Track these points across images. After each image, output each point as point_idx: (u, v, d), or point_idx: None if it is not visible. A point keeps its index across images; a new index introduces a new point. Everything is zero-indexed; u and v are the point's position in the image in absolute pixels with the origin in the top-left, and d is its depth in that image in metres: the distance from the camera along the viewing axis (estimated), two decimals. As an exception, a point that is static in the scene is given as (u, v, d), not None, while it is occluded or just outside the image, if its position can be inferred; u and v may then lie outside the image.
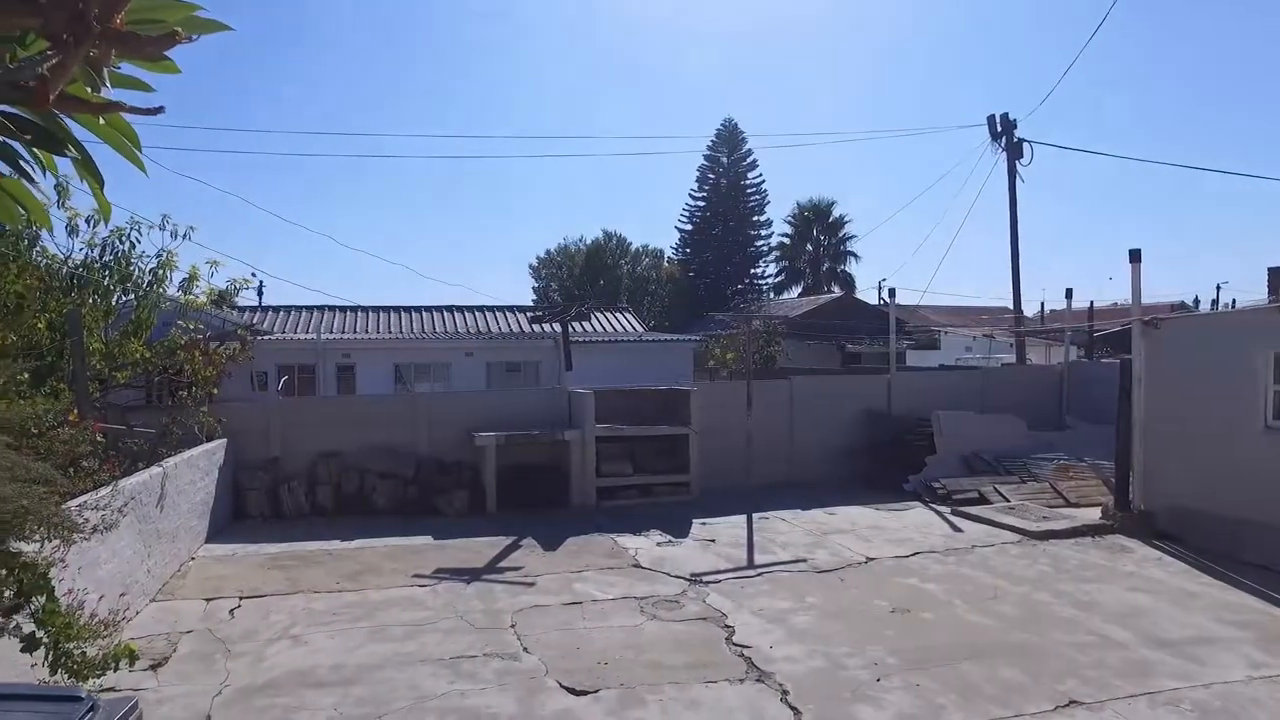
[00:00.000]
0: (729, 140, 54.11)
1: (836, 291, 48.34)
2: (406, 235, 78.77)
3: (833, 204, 55.42)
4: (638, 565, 10.70)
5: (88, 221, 12.26)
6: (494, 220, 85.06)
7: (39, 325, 8.99)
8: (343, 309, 27.92)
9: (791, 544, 11.81)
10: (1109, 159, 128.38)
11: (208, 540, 11.93)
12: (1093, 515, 12.89)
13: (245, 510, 13.64)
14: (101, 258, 12.61)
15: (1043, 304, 35.44)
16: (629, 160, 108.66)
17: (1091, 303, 26.04)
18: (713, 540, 12.09)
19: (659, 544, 11.91)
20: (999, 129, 24.26)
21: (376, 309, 28.07)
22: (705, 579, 9.99)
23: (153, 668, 7.13)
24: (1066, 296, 20.11)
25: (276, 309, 27.43)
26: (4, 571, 4.63)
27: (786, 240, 56.35)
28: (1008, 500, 13.90)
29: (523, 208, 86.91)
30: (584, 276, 53.77)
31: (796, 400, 17.06)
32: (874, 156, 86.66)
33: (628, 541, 12.00)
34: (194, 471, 11.29)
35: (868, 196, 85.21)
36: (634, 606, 8.92)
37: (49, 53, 1.80)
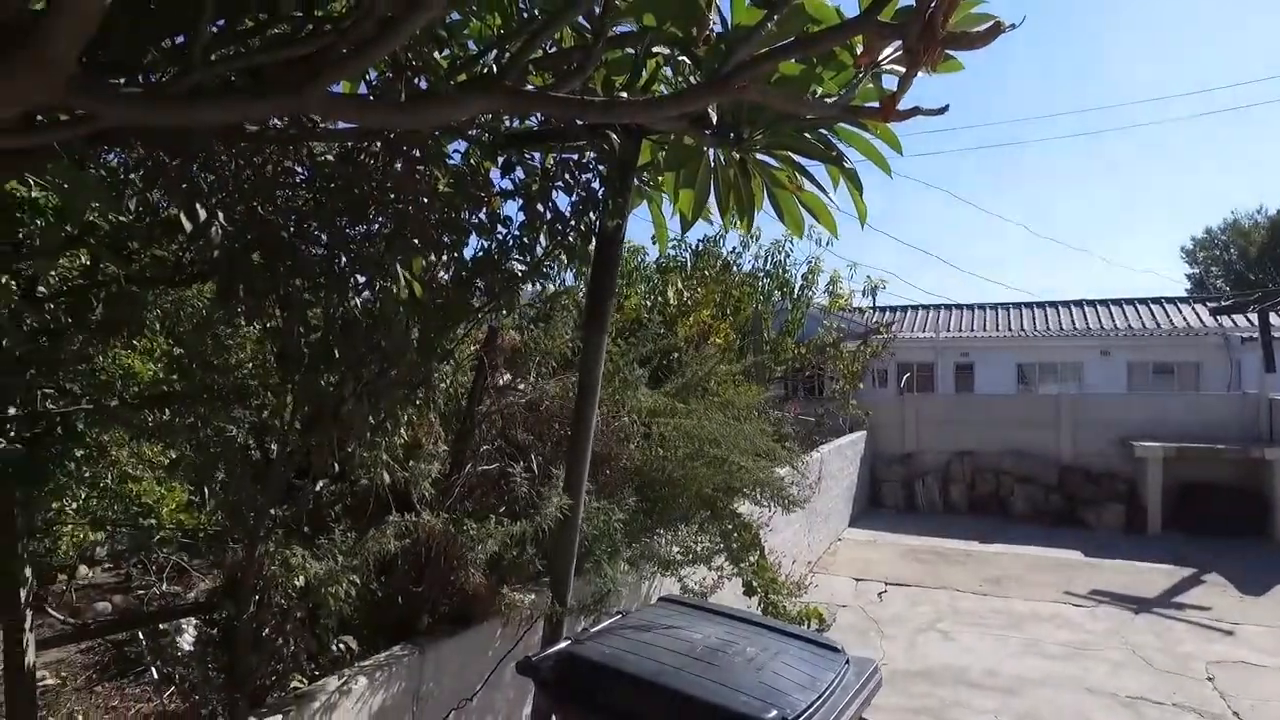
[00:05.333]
0: None
1: None
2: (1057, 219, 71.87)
3: None
4: (1399, 636, 7.95)
5: (754, 237, 14.44)
6: (1133, 201, 74.05)
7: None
8: (959, 307, 27.53)
9: None
10: None
11: (849, 525, 12.87)
12: None
13: (880, 500, 14.37)
14: (764, 267, 14.67)
15: None
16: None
17: None
18: None
19: None
20: None
21: (995, 306, 26.96)
22: None
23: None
24: None
25: (894, 308, 28.36)
26: (729, 526, 5.55)
27: None
28: None
29: (1167, 181, 73.72)
30: (1264, 258, 43.12)
31: None
32: None
33: (1377, 601, 9.04)
34: (841, 459, 12.29)
35: None
36: (1406, 693, 6.61)
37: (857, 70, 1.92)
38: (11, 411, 3.95)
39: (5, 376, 3.73)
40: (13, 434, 3.97)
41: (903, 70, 2.25)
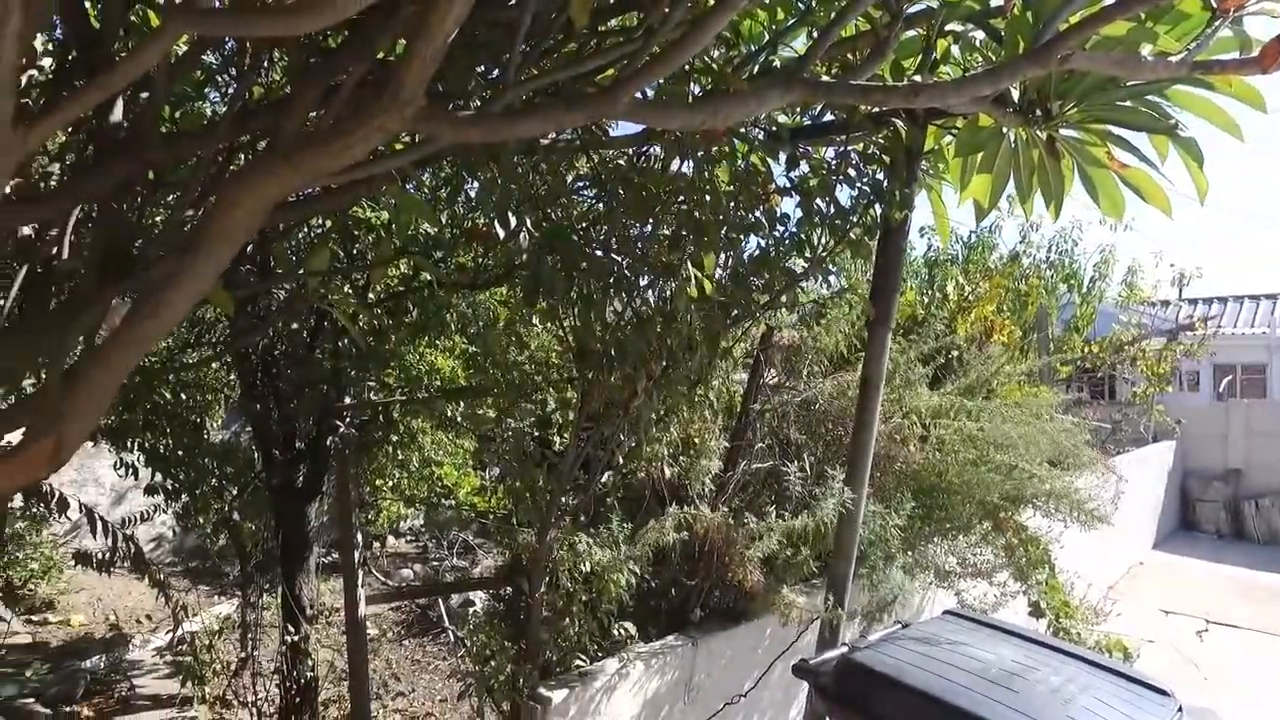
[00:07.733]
0: None
1: None
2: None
3: None
4: None
5: (1033, 226, 13.09)
6: None
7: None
8: (1301, 296, 22.93)
9: None
10: None
11: (1153, 547, 11.29)
12: None
13: (1194, 523, 12.45)
14: (1048, 257, 13.26)
15: None
16: None
17: None
18: None
19: None
20: None
21: (1359, 294, 22.00)
22: None
23: (1119, 668, 6.99)
24: None
25: (1209, 299, 24.24)
26: (1015, 539, 5.08)
27: None
28: None
29: None
30: None
31: None
32: None
33: None
34: (1143, 472, 10.81)
35: None
36: None
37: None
38: (347, 400, 4.63)
39: (348, 371, 4.36)
40: (348, 419, 4.65)
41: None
